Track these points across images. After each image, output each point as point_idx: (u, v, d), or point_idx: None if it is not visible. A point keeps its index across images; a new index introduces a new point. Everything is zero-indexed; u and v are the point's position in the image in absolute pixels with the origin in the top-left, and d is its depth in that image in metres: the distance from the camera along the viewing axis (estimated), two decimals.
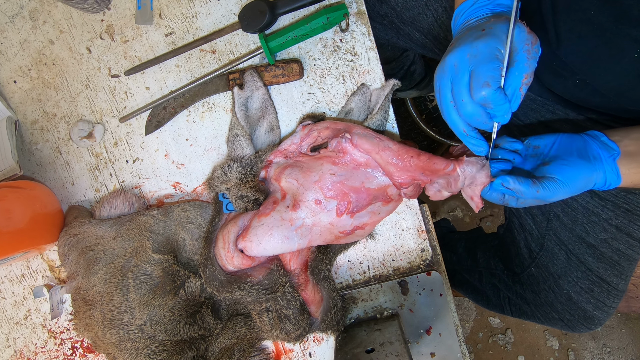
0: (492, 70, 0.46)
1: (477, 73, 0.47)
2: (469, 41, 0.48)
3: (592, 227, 0.71)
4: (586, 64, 0.57)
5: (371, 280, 0.70)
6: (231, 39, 0.69)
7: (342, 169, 0.59)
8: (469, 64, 0.48)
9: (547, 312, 0.81)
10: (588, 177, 0.52)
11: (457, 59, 0.49)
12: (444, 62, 0.50)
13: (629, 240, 0.70)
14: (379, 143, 0.57)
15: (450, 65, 0.49)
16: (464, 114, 0.50)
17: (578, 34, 0.55)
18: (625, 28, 0.50)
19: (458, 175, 0.54)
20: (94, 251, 0.66)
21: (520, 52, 0.48)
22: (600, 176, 0.52)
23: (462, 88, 0.49)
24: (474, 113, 0.49)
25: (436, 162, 0.55)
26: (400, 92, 1.30)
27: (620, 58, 0.53)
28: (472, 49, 0.48)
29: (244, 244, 0.59)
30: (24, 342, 0.73)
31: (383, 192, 0.59)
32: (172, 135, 0.70)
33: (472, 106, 0.49)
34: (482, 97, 0.47)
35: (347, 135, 0.58)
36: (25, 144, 0.72)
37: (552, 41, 0.58)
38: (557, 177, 0.51)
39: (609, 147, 0.53)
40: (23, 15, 0.71)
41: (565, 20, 0.56)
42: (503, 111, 0.48)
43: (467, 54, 0.48)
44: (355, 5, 0.67)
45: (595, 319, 0.76)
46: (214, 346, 0.65)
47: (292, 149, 0.64)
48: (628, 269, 0.73)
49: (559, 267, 0.76)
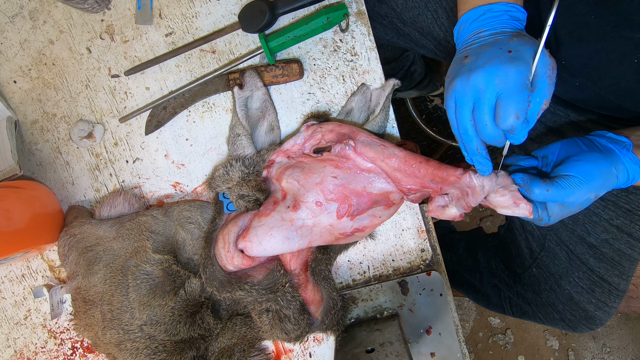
0: (522, 102, 0.45)
1: (506, 102, 0.45)
2: (497, 64, 0.46)
3: (593, 228, 0.71)
4: (586, 68, 0.57)
5: (371, 280, 0.69)
6: (231, 39, 0.69)
7: (345, 173, 0.59)
8: (497, 89, 0.45)
9: (549, 312, 0.81)
10: (606, 170, 0.49)
11: (483, 82, 0.46)
12: (468, 80, 0.47)
13: (630, 240, 0.70)
14: (384, 151, 0.57)
15: (475, 86, 0.47)
16: (484, 135, 0.48)
17: (578, 37, 0.55)
18: (625, 32, 0.50)
19: (472, 181, 0.51)
20: (94, 251, 0.66)
21: (543, 77, 0.46)
22: (621, 169, 0.49)
23: (485, 112, 0.47)
24: (494, 136, 0.48)
25: (446, 167, 0.53)
26: (400, 92, 1.30)
27: (620, 62, 0.52)
28: (502, 75, 0.45)
29: (244, 244, 0.59)
30: (24, 342, 0.73)
31: (385, 197, 0.59)
32: (172, 135, 0.70)
33: (494, 130, 0.47)
34: (509, 127, 0.45)
35: (351, 143, 0.58)
36: (25, 144, 0.72)
37: (552, 45, 0.58)
38: (571, 174, 0.48)
39: (618, 140, 0.51)
40: (23, 15, 0.71)
41: (565, 24, 0.56)
42: (522, 136, 0.47)
43: (497, 79, 0.45)
44: (355, 5, 0.67)
45: (597, 319, 0.76)
46: (214, 346, 0.65)
47: (295, 149, 0.63)
48: (629, 269, 0.73)
49: (560, 267, 0.76)
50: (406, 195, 0.58)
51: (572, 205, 0.50)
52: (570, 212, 0.51)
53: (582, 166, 0.49)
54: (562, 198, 0.48)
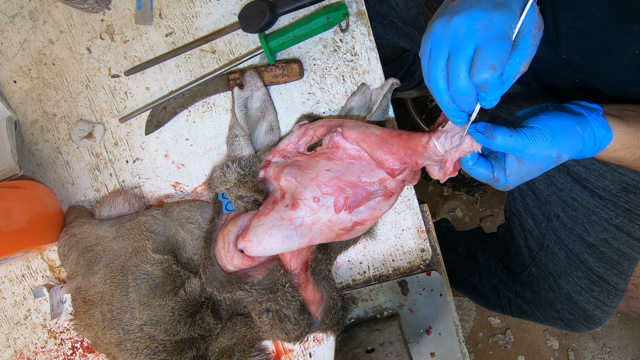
0: (502, 53, 0.41)
1: (485, 51, 0.41)
2: (483, 8, 0.42)
3: (592, 227, 0.71)
4: (587, 61, 0.56)
5: (371, 280, 0.70)
6: (231, 39, 0.69)
7: (338, 164, 0.59)
8: (477, 36, 0.42)
9: (547, 311, 0.81)
10: (571, 127, 0.46)
11: (464, 25, 0.42)
12: (449, 23, 0.43)
13: (629, 239, 0.70)
14: (365, 131, 0.57)
15: (455, 29, 0.43)
16: (455, 89, 0.44)
17: (578, 30, 0.54)
18: (626, 24, 0.49)
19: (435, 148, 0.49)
20: (94, 251, 0.66)
21: (527, 35, 0.42)
22: (588, 131, 0.47)
23: (461, 62, 0.43)
24: (466, 92, 0.44)
25: (414, 137, 0.51)
26: (400, 92, 1.30)
27: (622, 54, 0.52)
28: (485, 20, 0.41)
29: (243, 244, 0.59)
30: (24, 342, 0.73)
31: (381, 185, 0.59)
32: (172, 135, 0.70)
33: (466, 84, 0.43)
34: (484, 80, 0.42)
35: (339, 129, 0.58)
36: (25, 144, 0.72)
37: (552, 38, 0.58)
38: (535, 126, 0.46)
39: (591, 107, 0.49)
40: (23, 15, 0.71)
41: (565, 16, 0.55)
42: (495, 97, 0.44)
43: (479, 24, 0.42)
44: (355, 5, 0.67)
45: (595, 318, 0.76)
46: (214, 346, 0.65)
47: (290, 148, 0.64)
48: (628, 269, 0.73)
49: (559, 267, 0.76)
50: (393, 176, 0.57)
51: (531, 161, 0.47)
52: (530, 171, 0.48)
53: (547, 119, 0.46)
54: (523, 147, 0.45)
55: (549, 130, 0.45)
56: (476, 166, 0.49)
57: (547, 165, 0.47)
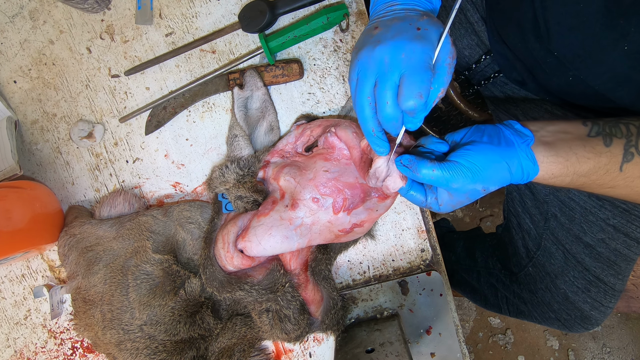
0: (426, 81, 0.44)
1: (410, 81, 0.44)
2: (405, 39, 0.45)
3: (589, 227, 0.71)
4: (578, 58, 0.56)
5: (371, 280, 0.70)
6: (231, 39, 0.69)
7: (335, 165, 0.59)
8: (402, 66, 0.44)
9: (544, 311, 0.81)
10: (495, 162, 0.47)
11: (389, 55, 0.45)
12: (373, 52, 0.46)
13: (627, 240, 0.70)
14: (356, 137, 0.58)
15: (379, 58, 0.45)
16: (383, 115, 0.46)
17: (568, 26, 0.54)
18: (615, 19, 0.49)
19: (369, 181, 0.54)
20: (94, 251, 0.66)
21: (443, 64, 0.45)
22: (515, 163, 0.47)
23: (388, 90, 0.45)
24: (394, 117, 0.46)
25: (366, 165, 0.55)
26: None
27: (611, 50, 0.52)
28: (408, 51, 0.44)
29: (243, 244, 0.59)
30: (24, 342, 0.73)
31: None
32: (172, 135, 0.70)
33: (393, 110, 0.46)
34: (412, 107, 0.44)
35: (333, 129, 0.59)
36: (25, 144, 0.72)
37: (543, 35, 0.58)
38: (458, 161, 0.47)
39: (522, 133, 0.50)
40: (23, 15, 0.71)
41: (555, 12, 0.55)
42: (419, 119, 0.46)
43: (402, 54, 0.44)
44: (355, 5, 0.67)
45: (592, 318, 0.76)
46: (214, 346, 0.65)
47: (288, 148, 0.64)
48: (625, 269, 0.73)
49: (556, 267, 0.76)
50: (365, 180, 0.57)
51: (458, 194, 0.48)
52: (460, 202, 0.49)
53: (470, 155, 0.47)
54: (447, 182, 0.46)
55: (471, 166, 0.46)
56: (412, 191, 0.51)
57: (474, 197, 0.49)
